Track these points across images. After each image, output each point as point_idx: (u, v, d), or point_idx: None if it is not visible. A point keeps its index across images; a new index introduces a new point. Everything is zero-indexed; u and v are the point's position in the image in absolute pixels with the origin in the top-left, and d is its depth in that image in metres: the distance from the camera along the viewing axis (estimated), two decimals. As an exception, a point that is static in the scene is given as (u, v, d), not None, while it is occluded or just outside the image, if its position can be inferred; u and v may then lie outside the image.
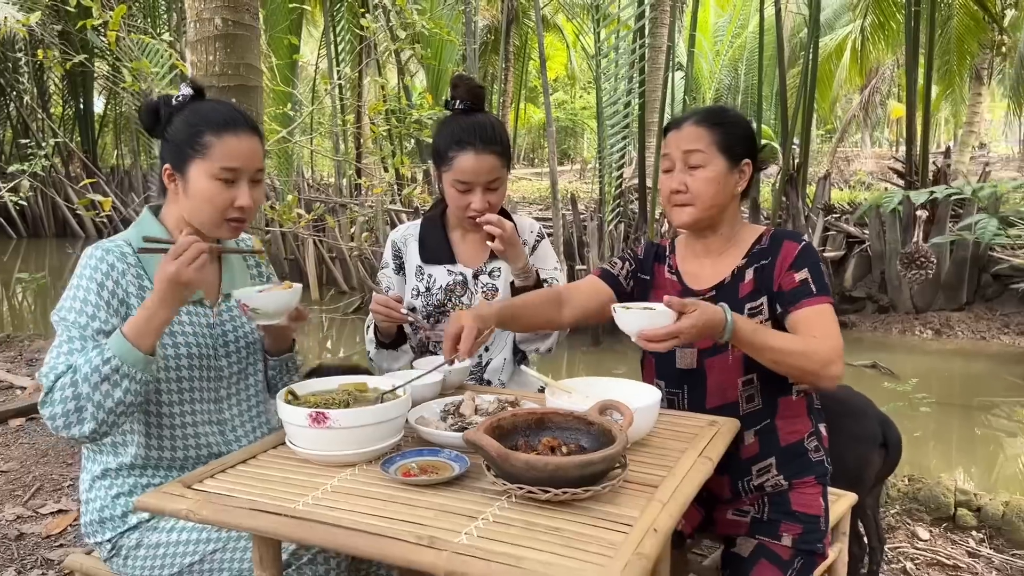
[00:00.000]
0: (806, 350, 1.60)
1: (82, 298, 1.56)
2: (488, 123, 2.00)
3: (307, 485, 1.37)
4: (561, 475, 1.25)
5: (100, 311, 1.55)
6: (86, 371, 1.45)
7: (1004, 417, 5.87)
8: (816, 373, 1.61)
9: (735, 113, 1.83)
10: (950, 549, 2.67)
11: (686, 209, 1.77)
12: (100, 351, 1.47)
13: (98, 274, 1.58)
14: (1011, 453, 5.18)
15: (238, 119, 1.65)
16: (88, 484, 1.69)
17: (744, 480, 1.77)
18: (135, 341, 1.47)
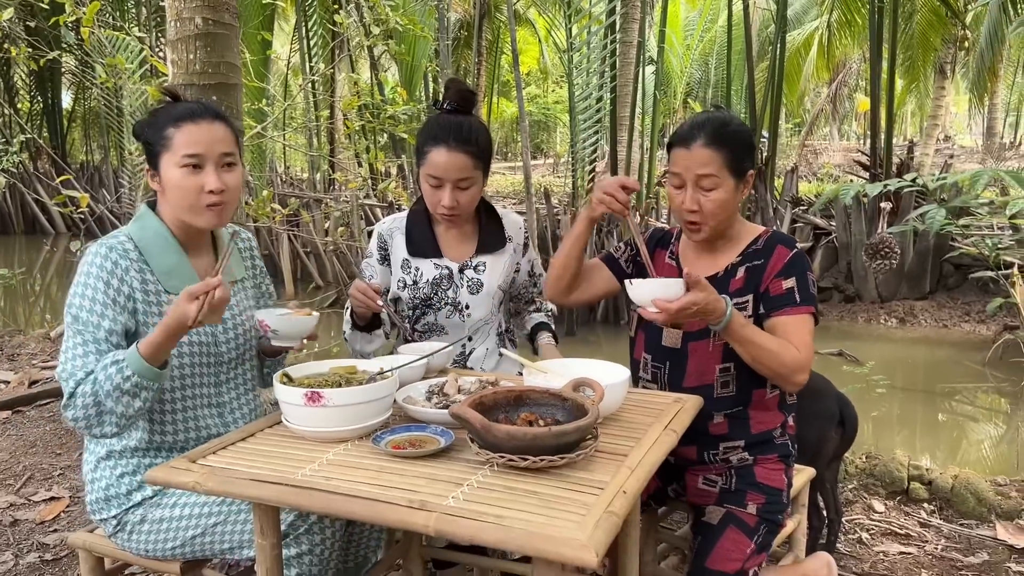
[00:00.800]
0: (782, 354, 1.75)
1: (91, 296, 1.65)
2: (467, 123, 2.07)
3: (304, 459, 1.48)
4: (539, 444, 1.37)
5: (108, 309, 1.65)
6: (108, 388, 1.55)
7: (965, 403, 6.10)
8: (784, 377, 1.77)
9: (737, 125, 1.87)
10: (903, 520, 2.84)
11: (701, 228, 1.87)
12: (120, 368, 1.55)
13: (104, 272, 1.66)
14: (967, 434, 5.40)
15: (197, 109, 1.74)
16: (93, 465, 1.78)
17: (710, 451, 1.92)
18: (150, 359, 1.56)
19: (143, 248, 1.74)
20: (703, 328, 1.86)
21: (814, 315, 1.83)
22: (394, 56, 9.82)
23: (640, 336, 2.02)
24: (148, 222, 1.78)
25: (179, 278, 1.75)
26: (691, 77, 25.31)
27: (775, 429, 1.94)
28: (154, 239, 1.75)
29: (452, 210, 2.07)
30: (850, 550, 2.65)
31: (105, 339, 1.63)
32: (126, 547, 1.77)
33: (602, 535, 1.19)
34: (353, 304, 2.07)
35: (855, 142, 28.82)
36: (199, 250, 1.84)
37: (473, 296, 2.19)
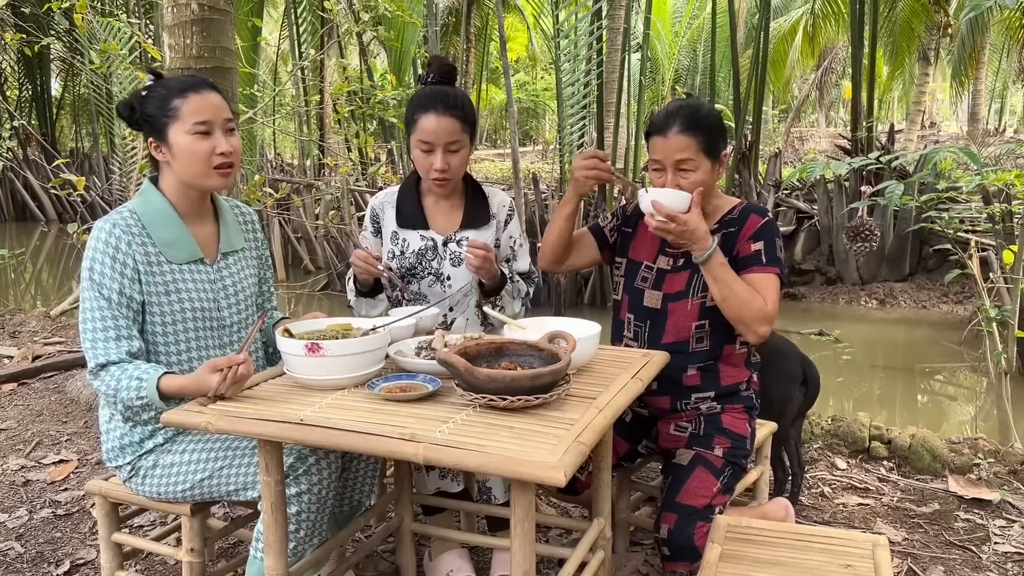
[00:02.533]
0: (750, 300, 1.93)
1: (99, 271, 1.81)
2: (452, 92, 2.22)
3: (305, 403, 1.64)
4: (516, 385, 1.53)
5: (115, 283, 1.81)
6: (124, 396, 1.75)
7: (940, 380, 6.31)
8: (747, 324, 1.95)
9: (708, 109, 2.05)
10: (863, 476, 3.02)
11: None
12: (139, 388, 1.73)
13: (109, 248, 1.82)
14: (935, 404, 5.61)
15: (197, 81, 1.90)
16: (108, 417, 1.94)
17: (682, 401, 2.10)
18: (165, 395, 1.73)
19: (146, 221, 1.88)
20: (681, 290, 2.04)
21: (780, 278, 2.00)
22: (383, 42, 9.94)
23: (624, 298, 2.20)
24: (150, 196, 1.92)
25: (179, 248, 1.90)
26: (679, 64, 25.43)
27: (742, 383, 2.12)
28: (156, 212, 1.89)
29: (444, 173, 2.20)
30: (812, 503, 2.83)
31: (118, 310, 1.80)
32: (140, 491, 1.93)
33: (571, 459, 1.36)
34: (356, 271, 2.22)
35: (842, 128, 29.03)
36: (200, 220, 1.98)
37: (455, 268, 2.33)
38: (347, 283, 2.34)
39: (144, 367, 1.76)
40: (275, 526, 1.71)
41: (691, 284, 2.07)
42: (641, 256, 2.19)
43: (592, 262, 2.31)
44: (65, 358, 4.42)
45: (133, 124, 1.92)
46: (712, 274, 1.95)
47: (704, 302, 2.05)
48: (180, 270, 1.90)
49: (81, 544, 2.57)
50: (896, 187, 2.97)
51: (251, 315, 2.05)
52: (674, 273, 2.11)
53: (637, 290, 2.15)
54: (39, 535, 2.62)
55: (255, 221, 2.16)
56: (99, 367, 1.78)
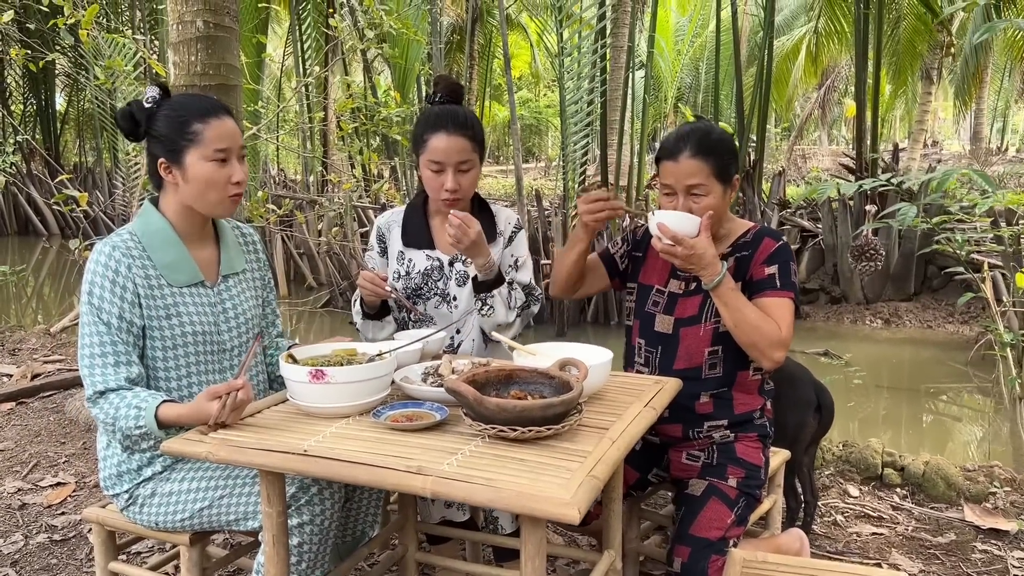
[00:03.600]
0: (762, 326, 1.89)
1: (98, 295, 1.77)
2: (461, 111, 2.19)
3: (309, 431, 1.59)
4: (527, 416, 1.48)
5: (114, 307, 1.76)
6: (122, 424, 1.69)
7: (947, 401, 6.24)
8: (761, 350, 1.90)
9: (719, 133, 2.00)
10: (876, 504, 2.96)
11: None
12: (136, 417, 1.68)
13: (109, 271, 1.77)
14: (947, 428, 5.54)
15: (217, 106, 1.86)
16: (105, 443, 1.89)
17: (695, 429, 2.05)
18: (164, 424, 1.68)
19: (146, 243, 1.84)
20: (694, 315, 2.00)
21: (794, 303, 1.95)
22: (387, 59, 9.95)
23: (636, 324, 2.15)
24: (150, 218, 1.87)
25: (180, 271, 1.86)
26: (681, 82, 25.53)
27: (755, 411, 2.07)
28: (156, 234, 1.85)
29: (455, 193, 2.16)
30: (825, 531, 2.77)
31: (118, 335, 1.75)
32: (137, 520, 1.88)
33: (584, 495, 1.31)
34: (362, 293, 2.17)
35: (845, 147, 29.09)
36: (201, 242, 1.94)
37: (460, 288, 2.29)
38: (353, 305, 2.30)
39: (143, 395, 1.71)
40: (277, 559, 1.65)
41: (704, 309, 2.02)
42: (652, 280, 2.14)
43: (602, 289, 2.28)
44: (64, 377, 4.38)
45: (133, 136, 1.86)
46: (722, 300, 1.91)
47: (717, 327, 2.00)
48: (180, 293, 1.86)
49: (77, 571, 2.51)
50: (909, 209, 2.93)
51: (252, 338, 2.00)
52: (686, 297, 2.06)
53: (648, 315, 2.11)
54: (34, 561, 2.56)
55: (256, 241, 2.12)
56: (97, 394, 1.73)
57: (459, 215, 2.07)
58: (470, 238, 2.07)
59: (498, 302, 2.22)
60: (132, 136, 1.87)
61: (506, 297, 2.23)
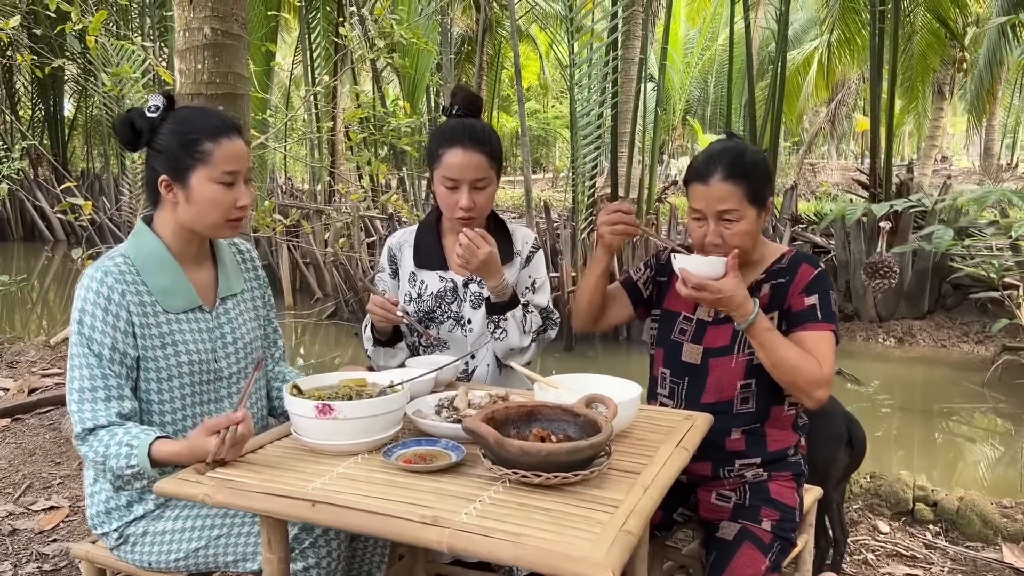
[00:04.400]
0: (801, 366, 1.76)
1: (89, 323, 1.64)
2: (479, 125, 2.08)
3: (315, 472, 1.47)
4: (552, 460, 1.36)
5: (107, 338, 1.64)
6: (113, 464, 1.57)
7: (962, 423, 6.09)
8: (803, 390, 1.79)
9: (753, 154, 1.87)
10: (908, 541, 2.82)
11: None
12: (128, 456, 1.56)
13: (101, 299, 1.65)
14: (967, 454, 5.39)
15: (228, 124, 1.73)
16: (92, 479, 1.77)
17: (725, 468, 1.92)
18: (158, 462, 1.56)
19: (140, 267, 1.71)
20: (725, 345, 1.87)
21: (835, 334, 1.83)
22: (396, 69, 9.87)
23: (659, 352, 2.03)
24: (144, 239, 1.75)
25: (177, 296, 1.74)
26: (690, 94, 25.46)
27: (789, 448, 1.94)
28: (151, 256, 1.73)
29: (469, 211, 2.05)
30: (856, 571, 2.63)
31: (110, 367, 1.63)
32: (129, 559, 1.75)
33: (618, 553, 1.18)
34: (373, 319, 2.06)
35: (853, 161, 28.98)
36: (197, 263, 1.81)
37: (475, 311, 2.17)
38: (364, 331, 2.18)
39: (135, 431, 1.59)
40: (277, 608, 1.53)
41: (736, 339, 1.90)
42: (678, 307, 2.02)
43: (626, 319, 2.15)
44: (62, 392, 4.26)
45: (132, 146, 1.73)
46: (758, 340, 1.78)
47: (751, 359, 1.87)
48: (177, 320, 1.74)
49: (67, 603, 2.39)
50: (944, 232, 2.82)
51: (250, 364, 1.88)
52: (716, 326, 1.94)
53: (674, 343, 1.98)
54: (23, 592, 2.44)
55: (254, 258, 2.00)
56: (86, 431, 1.61)
57: (470, 234, 1.96)
58: (479, 259, 1.96)
59: (512, 325, 2.10)
60: (131, 146, 1.73)
61: (520, 320, 2.12)
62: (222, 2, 3.38)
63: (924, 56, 12.83)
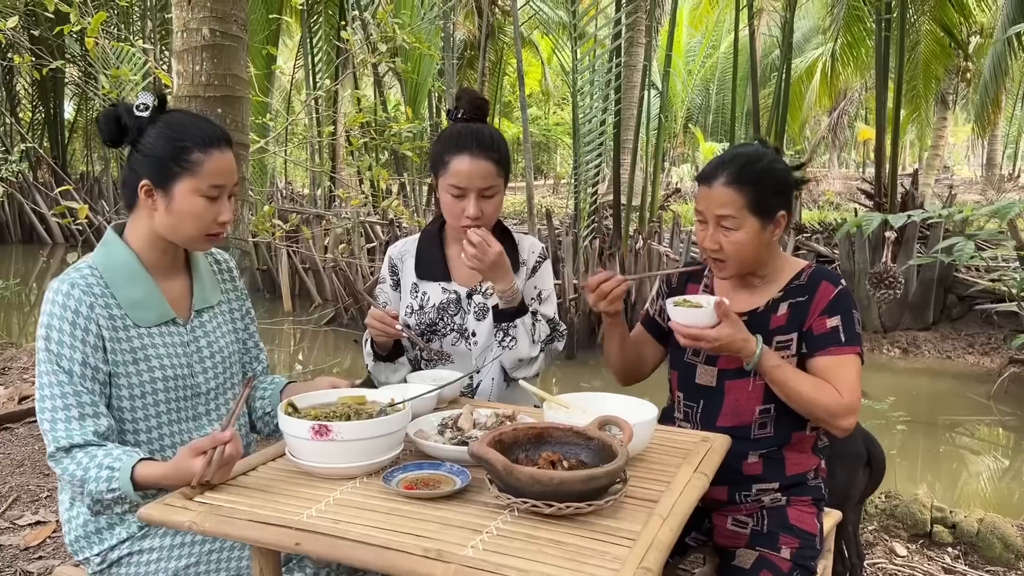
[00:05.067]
0: (819, 399, 1.70)
1: (56, 339, 1.54)
2: (487, 131, 2.00)
3: (309, 497, 1.38)
4: (565, 489, 1.27)
5: (76, 352, 1.54)
6: (92, 488, 1.48)
7: (968, 435, 6.00)
8: (827, 422, 1.73)
9: (768, 162, 1.79)
10: (927, 565, 2.73)
11: (723, 265, 1.82)
12: (109, 479, 1.46)
13: (68, 312, 1.55)
14: (981, 470, 5.30)
15: (221, 136, 1.64)
16: (68, 504, 1.68)
17: (742, 492, 1.82)
18: (141, 486, 1.46)
19: (108, 279, 1.61)
20: (741, 367, 1.78)
21: (860, 355, 1.75)
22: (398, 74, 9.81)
23: (674, 374, 1.95)
24: (113, 249, 1.65)
25: (148, 309, 1.64)
26: (691, 102, 25.42)
27: (810, 472, 1.85)
28: (120, 268, 1.63)
29: (476, 220, 1.97)
30: (872, 596, 2.54)
31: (81, 383, 1.54)
32: (114, 583, 1.65)
33: (638, 594, 1.09)
34: (372, 334, 1.97)
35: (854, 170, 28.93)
36: (170, 274, 1.71)
37: (480, 323, 2.09)
38: (364, 346, 2.09)
39: (116, 453, 1.49)
40: (269, 642, 1.43)
41: None
42: None
43: (662, 356, 2.05)
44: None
45: (114, 143, 1.63)
46: (768, 378, 1.72)
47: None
48: (149, 334, 1.64)
49: (52, 624, 2.29)
50: (965, 244, 2.73)
51: (230, 379, 1.78)
52: None
53: (688, 365, 1.89)
54: (6, 612, 2.34)
55: (232, 268, 1.89)
56: (62, 451, 1.51)
57: (480, 233, 1.89)
58: (490, 258, 1.89)
59: (521, 333, 2.02)
60: (113, 143, 1.62)
61: (530, 328, 2.04)
62: (221, 3, 3.31)
63: (928, 65, 12.77)
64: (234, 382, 1.80)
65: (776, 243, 1.86)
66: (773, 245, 1.84)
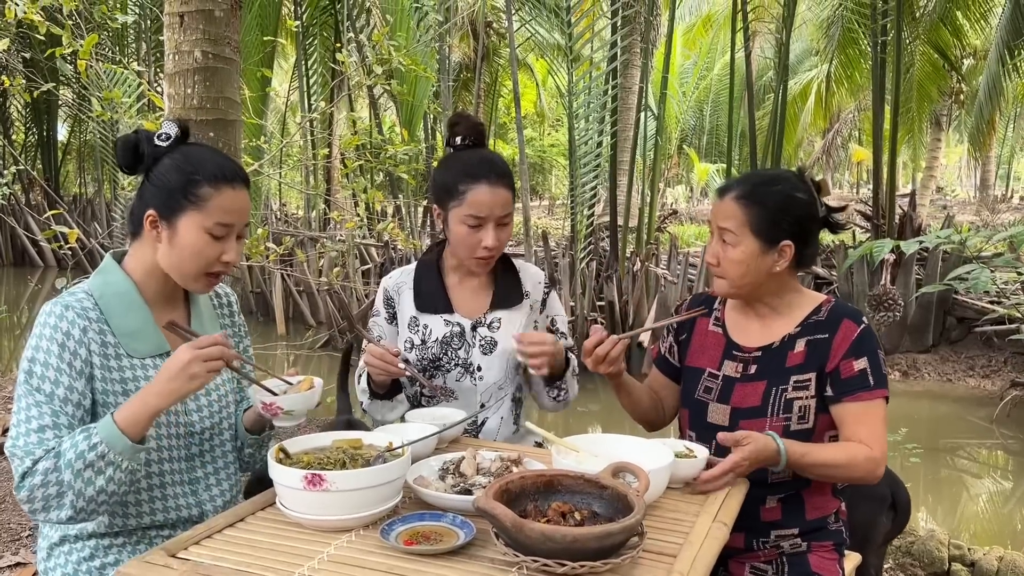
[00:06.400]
0: (851, 462, 1.64)
1: (43, 361, 1.46)
2: (497, 158, 1.95)
3: (301, 553, 1.28)
4: (579, 547, 1.17)
5: (63, 376, 1.45)
6: (70, 457, 1.37)
7: (972, 460, 5.91)
8: (862, 479, 1.67)
9: (782, 189, 1.72)
10: (945, 605, 2.63)
11: (719, 281, 1.77)
12: (88, 435, 1.37)
13: (58, 334, 1.47)
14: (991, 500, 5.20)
15: (236, 172, 1.56)
16: (46, 552, 1.57)
17: (759, 539, 1.73)
18: (126, 429, 1.38)
19: (104, 307, 1.54)
20: (756, 406, 1.69)
21: (887, 397, 1.67)
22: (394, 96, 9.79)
23: (684, 413, 1.86)
24: (111, 277, 1.57)
25: (142, 340, 1.56)
26: (685, 123, 25.50)
27: (830, 516, 1.76)
28: (116, 296, 1.55)
29: (494, 250, 1.90)
30: (890, 639, 2.43)
31: (61, 409, 1.44)
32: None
33: (662, 669, 0.99)
34: (372, 372, 1.86)
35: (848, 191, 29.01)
36: (168, 306, 1.63)
37: (486, 356, 1.99)
38: (358, 382, 1.99)
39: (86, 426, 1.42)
40: None
41: (769, 399, 1.71)
42: (701, 362, 1.84)
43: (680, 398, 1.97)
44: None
45: (130, 170, 1.57)
46: (798, 467, 1.65)
47: (787, 425, 1.69)
48: (143, 365, 1.55)
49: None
50: (981, 272, 2.66)
51: (225, 419, 1.69)
52: (745, 383, 1.75)
53: (699, 403, 1.80)
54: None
55: (233, 303, 1.81)
56: (33, 463, 1.38)
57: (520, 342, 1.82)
58: (554, 348, 1.83)
59: (571, 382, 2.01)
60: (129, 169, 1.57)
61: (575, 371, 2.03)
62: (214, 25, 3.24)
63: (922, 87, 12.81)
64: (230, 422, 1.70)
65: (788, 275, 1.77)
66: (783, 276, 1.76)
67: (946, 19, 11.17)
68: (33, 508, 1.40)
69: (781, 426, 1.69)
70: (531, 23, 9.16)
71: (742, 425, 1.73)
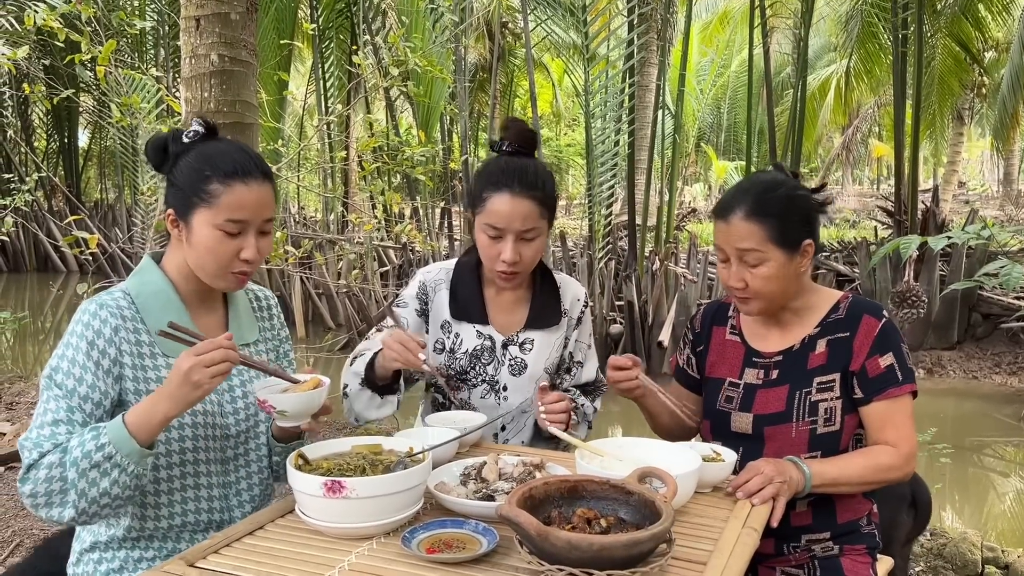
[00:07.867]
0: (880, 467, 1.62)
1: (70, 357, 1.44)
2: (532, 167, 1.81)
3: (321, 562, 1.25)
4: (606, 556, 1.14)
5: (87, 374, 1.44)
6: (76, 455, 1.35)
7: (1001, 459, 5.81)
8: (896, 480, 1.65)
9: (788, 190, 1.67)
10: (979, 609, 2.57)
11: (751, 303, 1.69)
12: (96, 435, 1.36)
13: (89, 332, 1.46)
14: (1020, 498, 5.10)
15: (249, 165, 1.52)
16: (76, 557, 1.56)
17: (790, 544, 1.69)
18: (134, 431, 1.36)
19: (140, 306, 1.52)
20: (780, 411, 1.65)
21: (915, 391, 1.63)
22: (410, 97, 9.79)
23: (706, 424, 1.82)
24: (149, 276, 1.56)
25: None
26: (703, 121, 25.35)
27: (862, 519, 1.72)
28: (154, 295, 1.54)
29: (513, 266, 1.79)
30: (923, 645, 2.38)
31: (79, 406, 1.42)
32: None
33: None
34: (386, 357, 1.69)
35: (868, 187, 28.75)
36: (206, 306, 1.62)
37: (514, 378, 1.92)
38: (351, 362, 1.84)
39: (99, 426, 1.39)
40: None
41: (793, 404, 1.67)
42: (722, 372, 1.80)
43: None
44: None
45: (159, 169, 1.57)
46: (823, 484, 1.59)
47: (814, 429, 1.65)
48: None
49: None
50: (1012, 268, 2.60)
51: (261, 422, 1.66)
52: (767, 389, 1.71)
53: (721, 413, 1.76)
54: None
55: (273, 306, 1.78)
56: (40, 456, 1.36)
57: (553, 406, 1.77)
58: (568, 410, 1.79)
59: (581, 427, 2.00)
60: (157, 169, 1.57)
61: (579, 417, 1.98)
62: (230, 28, 3.23)
63: (944, 81, 12.66)
64: (265, 427, 1.66)
65: (806, 275, 1.73)
66: (803, 277, 1.71)
67: (968, 12, 11.00)
68: (36, 503, 1.38)
69: (808, 430, 1.65)
70: (547, 23, 9.11)
71: (766, 432, 1.68)
